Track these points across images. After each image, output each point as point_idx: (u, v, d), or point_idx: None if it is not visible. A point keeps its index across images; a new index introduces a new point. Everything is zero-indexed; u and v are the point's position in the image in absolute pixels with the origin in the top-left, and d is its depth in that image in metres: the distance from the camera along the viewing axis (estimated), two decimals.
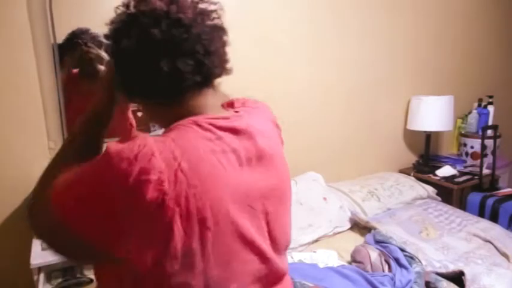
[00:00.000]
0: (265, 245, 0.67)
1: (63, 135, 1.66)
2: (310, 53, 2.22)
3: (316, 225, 1.89)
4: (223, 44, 0.68)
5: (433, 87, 2.76)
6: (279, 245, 0.72)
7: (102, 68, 1.70)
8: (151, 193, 0.52)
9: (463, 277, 1.53)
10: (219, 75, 0.69)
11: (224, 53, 0.69)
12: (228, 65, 0.70)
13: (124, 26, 0.63)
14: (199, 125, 0.61)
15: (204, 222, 0.56)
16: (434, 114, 2.49)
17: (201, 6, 0.65)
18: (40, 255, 1.31)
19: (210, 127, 0.62)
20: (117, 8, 0.66)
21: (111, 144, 0.56)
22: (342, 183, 2.33)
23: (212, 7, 0.67)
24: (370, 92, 2.51)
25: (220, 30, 0.68)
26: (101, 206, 0.55)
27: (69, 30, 1.62)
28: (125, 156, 0.54)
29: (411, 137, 2.77)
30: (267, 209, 0.68)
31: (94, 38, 1.67)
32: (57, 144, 1.65)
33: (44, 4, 1.52)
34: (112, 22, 0.66)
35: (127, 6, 0.64)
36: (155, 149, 0.55)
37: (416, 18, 2.61)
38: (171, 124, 0.64)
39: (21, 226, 1.57)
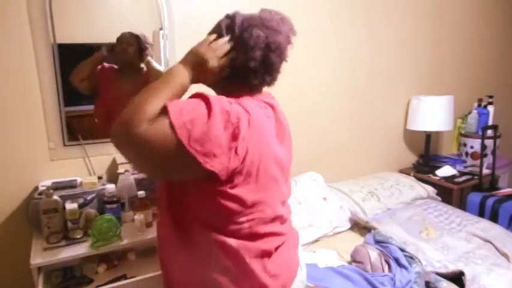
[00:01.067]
0: (283, 189, 0.98)
1: (63, 135, 1.66)
2: (309, 54, 2.22)
3: (316, 225, 1.89)
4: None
5: (433, 87, 2.76)
6: (288, 194, 1.04)
7: (144, 67, 1.78)
8: (240, 128, 0.80)
9: (463, 277, 1.53)
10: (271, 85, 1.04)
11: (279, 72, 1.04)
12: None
13: (259, 44, 0.92)
14: (252, 98, 0.94)
15: (260, 157, 0.85)
16: (434, 114, 2.49)
17: (289, 48, 1.01)
18: (40, 255, 1.31)
19: (260, 100, 0.94)
20: (262, 24, 0.94)
21: (208, 93, 0.82)
22: (342, 183, 2.33)
23: (290, 47, 1.02)
24: (370, 92, 2.52)
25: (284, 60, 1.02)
26: (214, 132, 0.77)
27: (69, 30, 1.62)
28: (226, 101, 0.82)
29: (411, 137, 2.77)
30: (286, 164, 0.98)
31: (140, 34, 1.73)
32: (57, 144, 1.65)
33: (44, 4, 1.53)
34: (255, 32, 0.92)
35: (270, 29, 0.94)
36: (236, 102, 0.85)
37: (417, 18, 2.61)
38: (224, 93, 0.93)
39: (21, 226, 1.57)
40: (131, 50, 1.73)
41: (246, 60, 0.92)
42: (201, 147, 0.76)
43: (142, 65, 1.78)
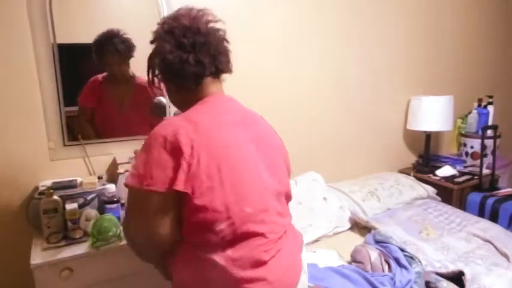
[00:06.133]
0: (266, 181, 0.99)
1: (63, 135, 1.66)
2: (310, 54, 2.22)
3: (316, 225, 1.89)
4: (227, 50, 1.04)
5: (433, 87, 2.76)
6: (279, 187, 1.04)
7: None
8: (180, 141, 0.85)
9: (463, 277, 1.53)
10: (225, 71, 1.04)
11: (228, 56, 1.04)
12: (231, 65, 1.06)
13: (164, 36, 0.96)
14: (207, 102, 0.99)
15: (218, 158, 0.88)
16: (434, 114, 2.49)
17: (211, 24, 1.00)
18: (40, 255, 1.31)
19: (217, 99, 1.01)
20: (158, 23, 1.00)
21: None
22: (342, 183, 2.33)
23: (219, 26, 1.02)
24: (370, 92, 2.52)
25: (225, 41, 1.03)
26: (150, 159, 0.86)
27: (69, 30, 1.62)
28: (162, 128, 0.90)
29: (411, 137, 2.77)
30: (269, 157, 1.01)
31: (125, 42, 1.70)
32: (57, 144, 1.65)
33: (44, 4, 1.53)
34: (155, 32, 1.00)
35: (165, 23, 0.98)
36: (183, 119, 0.92)
37: (417, 18, 2.61)
38: (192, 106, 0.98)
39: (21, 226, 1.57)
40: (122, 66, 1.76)
41: (163, 57, 0.96)
42: (144, 177, 0.84)
43: (132, 73, 1.79)
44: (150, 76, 1.04)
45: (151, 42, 1.00)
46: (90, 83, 1.72)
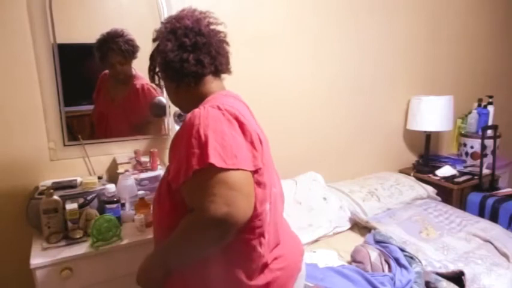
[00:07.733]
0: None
1: (63, 135, 1.66)
2: (310, 54, 2.22)
3: (316, 225, 1.89)
4: (227, 52, 1.06)
5: (433, 87, 2.77)
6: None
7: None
8: (242, 121, 0.88)
9: (463, 277, 1.53)
10: (225, 71, 1.06)
11: (228, 57, 1.06)
12: (230, 67, 1.08)
13: (167, 35, 0.98)
14: (223, 95, 0.98)
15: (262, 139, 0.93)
16: (434, 114, 2.49)
17: (212, 27, 1.02)
18: (40, 255, 1.31)
19: (228, 93, 1.01)
20: (162, 22, 1.03)
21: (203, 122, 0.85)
22: (342, 183, 2.33)
23: (220, 28, 1.04)
24: (370, 92, 2.52)
25: (225, 43, 1.05)
26: (232, 142, 0.82)
27: (69, 30, 1.62)
28: (216, 112, 0.86)
29: (411, 137, 2.77)
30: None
31: (128, 42, 1.70)
32: (57, 144, 1.65)
33: (44, 4, 1.52)
34: (158, 31, 1.02)
35: (168, 22, 1.00)
36: (219, 103, 0.89)
37: (417, 18, 2.61)
38: (193, 104, 0.95)
39: (21, 226, 1.57)
40: (125, 66, 1.75)
41: (164, 56, 0.97)
42: (235, 158, 0.81)
43: (134, 72, 1.79)
44: (151, 73, 1.06)
45: (154, 41, 1.02)
46: (100, 77, 1.74)
